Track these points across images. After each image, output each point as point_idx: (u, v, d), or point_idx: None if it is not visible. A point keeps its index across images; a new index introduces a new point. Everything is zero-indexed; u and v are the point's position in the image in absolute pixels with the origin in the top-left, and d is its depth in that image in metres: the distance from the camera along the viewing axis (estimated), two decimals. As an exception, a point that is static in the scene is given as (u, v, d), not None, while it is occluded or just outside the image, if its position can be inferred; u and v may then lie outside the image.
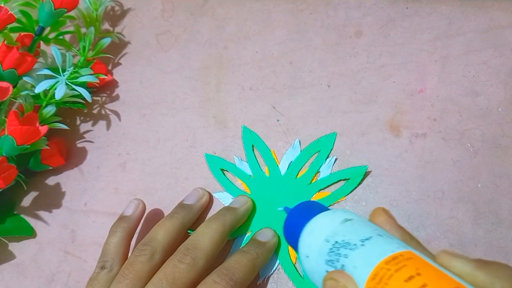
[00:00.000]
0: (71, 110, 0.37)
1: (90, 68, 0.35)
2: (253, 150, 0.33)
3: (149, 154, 0.35)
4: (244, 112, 0.34)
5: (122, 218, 0.30)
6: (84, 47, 0.36)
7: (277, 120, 0.33)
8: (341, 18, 0.35)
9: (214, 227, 0.27)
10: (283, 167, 0.31)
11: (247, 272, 0.25)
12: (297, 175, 0.31)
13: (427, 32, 0.32)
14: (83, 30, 0.37)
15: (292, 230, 0.22)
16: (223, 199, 0.32)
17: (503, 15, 0.31)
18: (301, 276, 0.28)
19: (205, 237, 0.26)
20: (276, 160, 0.32)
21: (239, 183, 0.32)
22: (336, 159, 0.31)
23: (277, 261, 0.29)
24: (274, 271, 0.29)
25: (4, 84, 0.31)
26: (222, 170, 0.33)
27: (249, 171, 0.32)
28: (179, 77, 0.37)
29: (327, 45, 0.34)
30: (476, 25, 0.32)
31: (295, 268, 0.29)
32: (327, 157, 0.31)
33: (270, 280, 0.29)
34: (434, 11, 0.33)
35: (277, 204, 0.30)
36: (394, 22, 0.33)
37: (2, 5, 0.32)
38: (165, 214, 0.33)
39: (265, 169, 0.32)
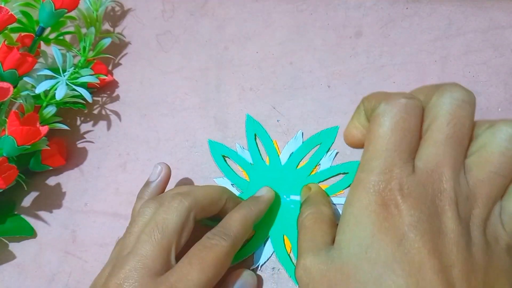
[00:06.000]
0: (72, 110, 0.37)
1: (91, 68, 0.35)
2: (255, 139, 0.33)
3: (150, 155, 0.35)
4: (244, 113, 0.34)
5: (147, 183, 0.30)
6: (84, 48, 0.36)
7: (277, 121, 0.33)
8: (341, 18, 0.35)
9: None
10: (283, 157, 0.32)
11: (239, 225, 0.26)
12: (297, 166, 0.31)
13: (427, 32, 0.32)
14: (84, 30, 0.37)
15: None
16: (222, 184, 0.32)
17: (503, 15, 0.31)
18: (294, 265, 0.28)
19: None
20: (278, 150, 0.32)
21: (240, 171, 0.32)
22: (337, 153, 0.31)
23: (272, 250, 0.29)
24: (268, 259, 0.29)
25: (5, 84, 0.31)
26: (223, 156, 0.33)
27: (250, 159, 0.32)
28: (179, 77, 0.37)
29: (327, 46, 0.34)
30: (476, 25, 0.32)
31: (289, 257, 0.29)
32: (328, 150, 0.31)
33: (270, 280, 0.29)
34: (434, 11, 0.33)
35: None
36: (394, 22, 0.33)
37: (3, 5, 0.32)
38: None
39: (266, 159, 0.32)
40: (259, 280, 0.29)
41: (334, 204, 0.29)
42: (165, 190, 0.30)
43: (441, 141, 0.19)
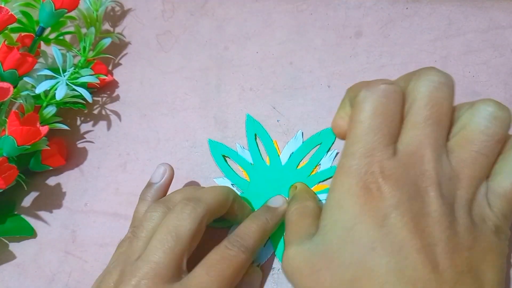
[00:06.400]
0: (72, 110, 0.37)
1: (91, 68, 0.35)
2: (255, 139, 0.33)
3: (150, 155, 0.35)
4: (244, 113, 0.34)
5: (150, 185, 0.30)
6: (84, 48, 0.36)
7: (277, 121, 0.33)
8: (341, 18, 0.35)
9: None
10: (284, 157, 0.32)
11: (258, 237, 0.26)
12: (297, 166, 0.31)
13: (427, 32, 0.32)
14: (84, 30, 0.37)
15: None
16: (222, 184, 0.32)
17: (503, 15, 0.31)
18: None
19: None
20: (278, 150, 0.32)
21: (240, 171, 0.32)
22: (337, 153, 0.31)
23: (272, 249, 0.29)
24: (268, 258, 0.29)
25: (5, 84, 0.31)
26: (223, 156, 0.33)
27: (250, 159, 0.32)
28: (179, 77, 0.37)
29: (327, 46, 0.34)
30: (476, 25, 0.32)
31: None
32: (328, 150, 0.31)
33: (270, 280, 0.29)
34: (434, 11, 0.33)
35: (276, 193, 0.31)
36: (394, 23, 0.34)
37: (3, 5, 0.32)
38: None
39: (266, 158, 0.32)
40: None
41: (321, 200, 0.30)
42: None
43: (420, 123, 0.20)
